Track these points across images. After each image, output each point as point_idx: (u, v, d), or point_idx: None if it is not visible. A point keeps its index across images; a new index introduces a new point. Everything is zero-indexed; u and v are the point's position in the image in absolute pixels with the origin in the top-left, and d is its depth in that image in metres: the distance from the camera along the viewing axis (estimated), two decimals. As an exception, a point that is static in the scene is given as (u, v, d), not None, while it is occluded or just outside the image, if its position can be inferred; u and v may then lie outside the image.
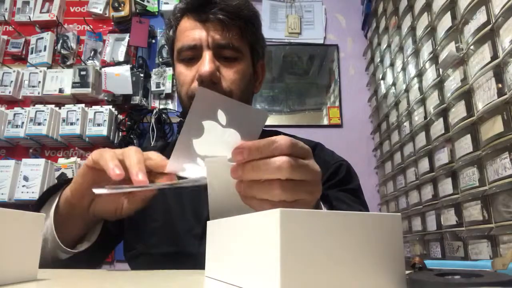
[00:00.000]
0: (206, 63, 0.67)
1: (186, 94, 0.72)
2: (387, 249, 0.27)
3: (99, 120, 1.86)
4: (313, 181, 0.42)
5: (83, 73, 1.94)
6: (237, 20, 0.71)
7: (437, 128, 1.19)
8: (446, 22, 1.11)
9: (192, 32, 0.71)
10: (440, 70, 1.16)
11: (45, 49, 2.02)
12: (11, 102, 2.00)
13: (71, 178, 0.55)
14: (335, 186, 0.71)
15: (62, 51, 2.02)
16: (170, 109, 1.97)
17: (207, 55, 0.69)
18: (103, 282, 0.40)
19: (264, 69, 0.83)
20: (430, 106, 1.25)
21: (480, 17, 0.91)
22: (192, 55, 0.71)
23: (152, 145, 1.76)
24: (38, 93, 1.94)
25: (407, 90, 1.48)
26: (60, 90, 1.94)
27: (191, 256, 0.63)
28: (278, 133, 0.82)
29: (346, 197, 0.69)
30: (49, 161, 1.85)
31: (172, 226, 0.69)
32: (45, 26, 2.10)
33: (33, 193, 1.76)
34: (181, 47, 0.72)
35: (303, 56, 2.19)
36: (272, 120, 2.09)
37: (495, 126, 0.85)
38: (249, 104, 0.79)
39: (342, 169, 0.75)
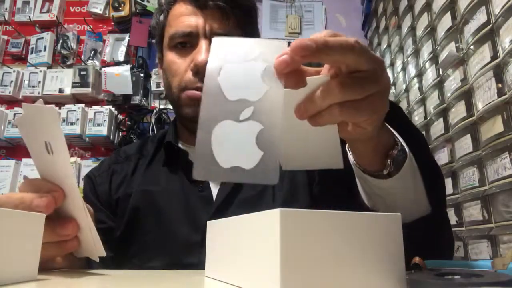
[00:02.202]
0: (203, 52, 0.62)
1: (178, 86, 0.66)
2: (387, 249, 0.27)
3: (99, 120, 1.85)
4: (379, 68, 0.34)
5: (83, 73, 1.94)
6: (237, 10, 0.66)
7: (437, 128, 1.19)
8: (446, 22, 1.11)
9: (188, 18, 0.66)
10: (440, 70, 1.16)
11: (45, 49, 2.02)
12: (11, 102, 2.00)
13: None
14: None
15: (62, 51, 2.02)
16: (170, 109, 1.97)
17: (203, 43, 0.63)
18: (103, 282, 0.39)
19: None
20: (430, 106, 1.25)
21: (480, 17, 0.91)
22: (186, 42, 0.66)
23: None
24: (38, 93, 1.94)
25: (407, 90, 1.48)
26: (60, 90, 1.94)
27: (192, 266, 0.59)
28: None
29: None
30: (49, 161, 1.85)
31: (167, 236, 0.64)
32: (45, 26, 2.09)
33: (33, 193, 1.76)
34: (174, 33, 0.66)
35: (303, 56, 2.19)
36: (272, 120, 2.08)
37: (495, 126, 0.85)
38: None
39: None
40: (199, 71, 0.63)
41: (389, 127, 0.45)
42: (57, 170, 0.42)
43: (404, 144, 0.44)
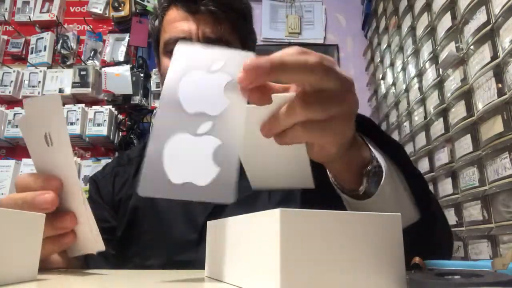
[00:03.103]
0: None
1: None
2: (387, 249, 0.27)
3: (99, 120, 1.86)
4: (344, 88, 0.33)
5: (83, 73, 1.94)
6: (229, 13, 0.67)
7: (437, 128, 1.19)
8: (446, 22, 1.11)
9: (181, 23, 0.67)
10: (440, 70, 1.16)
11: (45, 49, 2.02)
12: (11, 102, 2.00)
13: None
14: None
15: (62, 51, 2.02)
16: (170, 109, 1.97)
17: None
18: (103, 282, 0.40)
19: None
20: (430, 106, 1.25)
21: (480, 17, 0.91)
22: None
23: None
24: (38, 93, 1.94)
25: (407, 90, 1.48)
26: (60, 90, 1.94)
27: (189, 263, 0.60)
28: None
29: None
30: (49, 161, 1.85)
31: (165, 236, 0.66)
32: (45, 26, 2.09)
33: (33, 193, 1.76)
34: (168, 39, 0.68)
35: (303, 56, 2.19)
36: (272, 120, 2.08)
37: (495, 126, 0.85)
38: None
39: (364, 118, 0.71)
40: None
41: (364, 141, 0.44)
42: (57, 163, 0.41)
43: (380, 158, 0.42)
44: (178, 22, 0.67)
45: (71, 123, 1.85)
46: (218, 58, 0.32)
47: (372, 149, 0.43)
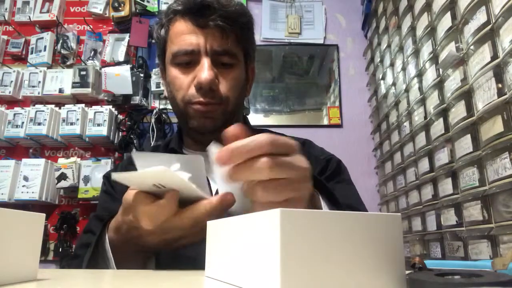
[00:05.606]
0: (206, 71, 0.66)
1: (182, 99, 0.71)
2: (387, 249, 0.27)
3: (99, 120, 1.85)
4: (299, 178, 0.41)
5: (83, 73, 1.94)
6: (235, 27, 0.70)
7: (437, 128, 1.19)
8: (446, 22, 1.11)
9: (189, 36, 0.69)
10: (440, 70, 1.16)
11: (45, 49, 2.02)
12: (11, 102, 2.00)
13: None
14: (327, 180, 0.72)
15: (62, 51, 2.02)
16: (170, 109, 1.97)
17: (205, 62, 0.67)
18: (103, 282, 0.40)
19: (254, 72, 0.82)
20: (430, 106, 1.25)
21: (480, 17, 0.91)
22: (189, 60, 0.70)
23: (152, 145, 1.78)
24: (38, 93, 1.94)
25: (407, 90, 1.48)
26: (60, 90, 1.94)
27: (189, 258, 0.62)
28: (265, 131, 0.83)
29: (340, 188, 0.69)
30: (49, 161, 1.85)
31: None
32: (45, 26, 2.10)
33: (33, 193, 1.76)
34: (177, 51, 0.70)
35: (303, 56, 2.19)
36: (272, 120, 2.09)
37: (495, 126, 0.85)
38: (242, 107, 0.79)
39: (332, 162, 0.76)
40: (202, 87, 0.67)
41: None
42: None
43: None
44: (186, 34, 0.69)
45: (71, 123, 1.85)
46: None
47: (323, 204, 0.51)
